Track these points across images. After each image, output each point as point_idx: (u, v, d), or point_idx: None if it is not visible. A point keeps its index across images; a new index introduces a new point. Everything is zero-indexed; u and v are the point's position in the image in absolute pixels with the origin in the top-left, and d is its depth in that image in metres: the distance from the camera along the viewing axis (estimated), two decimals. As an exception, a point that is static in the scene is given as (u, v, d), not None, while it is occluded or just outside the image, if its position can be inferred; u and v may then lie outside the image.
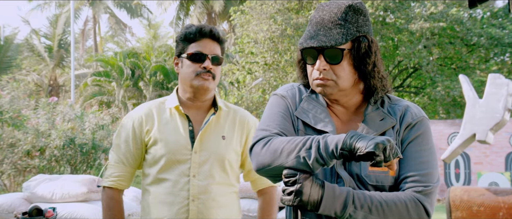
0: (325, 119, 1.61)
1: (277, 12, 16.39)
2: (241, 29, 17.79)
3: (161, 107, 2.31)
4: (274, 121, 1.61)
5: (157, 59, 21.81)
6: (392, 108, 1.63)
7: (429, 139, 1.60)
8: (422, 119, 1.61)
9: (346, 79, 1.57)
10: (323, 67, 1.56)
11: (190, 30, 2.21)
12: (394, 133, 1.58)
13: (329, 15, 1.56)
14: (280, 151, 1.48)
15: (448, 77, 15.78)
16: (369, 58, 1.56)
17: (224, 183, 2.24)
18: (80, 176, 5.46)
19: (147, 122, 2.27)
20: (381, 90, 1.61)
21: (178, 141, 2.21)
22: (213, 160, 2.21)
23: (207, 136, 2.23)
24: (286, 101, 1.67)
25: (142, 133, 2.27)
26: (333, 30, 1.54)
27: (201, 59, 2.20)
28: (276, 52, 16.81)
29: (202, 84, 2.20)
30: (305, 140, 1.46)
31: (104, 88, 22.61)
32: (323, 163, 1.43)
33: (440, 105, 16.20)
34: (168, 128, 2.25)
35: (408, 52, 15.40)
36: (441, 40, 15.96)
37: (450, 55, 16.81)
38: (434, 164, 1.58)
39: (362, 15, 1.57)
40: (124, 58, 21.71)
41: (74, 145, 9.99)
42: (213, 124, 2.26)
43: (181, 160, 2.20)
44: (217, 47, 2.24)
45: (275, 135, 1.56)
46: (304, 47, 1.56)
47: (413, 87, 19.03)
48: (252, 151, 1.56)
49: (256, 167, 1.53)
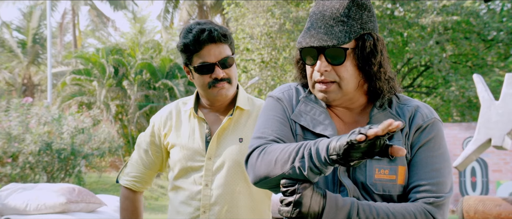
0: (324, 121, 1.61)
1: (275, 4, 16.40)
2: (236, 23, 17.81)
3: (181, 109, 2.33)
4: (269, 127, 1.61)
5: (144, 56, 21.79)
6: (400, 109, 1.62)
7: (441, 143, 1.59)
8: (434, 121, 1.61)
9: (349, 81, 1.56)
10: (324, 69, 1.55)
11: (187, 41, 2.16)
12: (403, 136, 1.58)
13: (330, 10, 1.55)
14: (274, 161, 1.48)
15: (463, 76, 15.79)
16: (374, 58, 1.56)
17: (244, 193, 2.19)
18: (57, 184, 5.45)
19: (165, 125, 2.32)
20: (388, 92, 1.61)
21: (192, 146, 2.23)
22: (229, 166, 2.18)
23: (223, 140, 2.22)
24: (282, 104, 1.67)
25: (160, 137, 2.32)
26: (335, 27, 1.53)
27: (209, 70, 2.17)
28: (273, 48, 16.82)
29: (219, 94, 2.20)
30: (298, 148, 1.46)
31: (85, 88, 22.57)
32: (318, 172, 1.43)
33: (454, 107, 16.22)
34: (183, 132, 2.27)
35: (418, 48, 15.42)
36: (455, 35, 15.98)
37: (465, 52, 16.83)
38: (446, 171, 1.57)
39: (367, 11, 1.57)
40: (107, 55, 21.68)
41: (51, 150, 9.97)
42: (230, 126, 2.24)
43: (194, 167, 2.21)
44: (224, 47, 2.19)
45: (271, 142, 1.56)
46: (303, 47, 1.56)
47: (424, 87, 19.07)
48: (247, 162, 1.57)
49: (253, 180, 1.54)
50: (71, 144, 10.27)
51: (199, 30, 2.15)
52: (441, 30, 15.53)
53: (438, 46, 15.73)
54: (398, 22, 15.88)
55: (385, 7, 15.63)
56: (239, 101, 2.25)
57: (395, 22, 15.90)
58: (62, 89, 22.66)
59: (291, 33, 16.03)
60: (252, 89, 17.45)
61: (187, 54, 2.19)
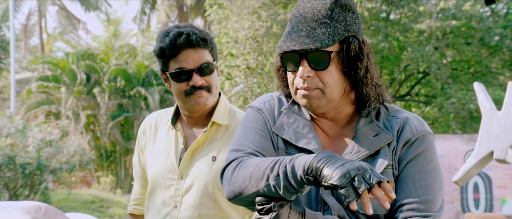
0: (308, 134, 1.62)
1: (261, 6, 16.44)
2: (219, 26, 17.83)
3: (161, 120, 2.32)
4: (248, 139, 1.63)
5: (118, 62, 21.72)
6: (388, 121, 1.64)
7: (432, 158, 1.60)
8: (424, 134, 1.61)
9: (334, 88, 1.57)
10: (307, 74, 1.56)
11: (164, 45, 2.15)
12: (390, 151, 1.59)
13: (312, 12, 1.57)
14: (249, 177, 1.49)
15: (463, 86, 15.84)
16: (360, 62, 1.57)
17: (214, 217, 2.17)
18: (21, 202, 5.42)
19: (144, 135, 2.32)
20: (375, 100, 1.62)
21: (165, 162, 2.22)
22: (198, 187, 2.16)
23: (195, 158, 2.20)
24: (263, 115, 1.68)
25: (142, 149, 2.33)
26: (317, 30, 1.55)
27: (187, 77, 2.15)
28: (260, 54, 16.86)
29: (197, 103, 2.17)
30: (273, 164, 1.47)
31: (52, 96, 22.42)
32: (294, 191, 1.45)
33: (454, 118, 16.28)
34: (159, 146, 2.26)
35: (415, 55, 15.48)
36: (456, 41, 16.07)
37: (466, 58, 16.93)
38: (437, 188, 1.58)
39: (351, 12, 1.59)
40: (78, 60, 21.59)
41: (14, 165, 9.89)
42: (205, 142, 2.21)
43: (165, 185, 2.19)
44: (203, 52, 2.17)
45: (249, 155, 1.57)
46: (284, 51, 1.57)
47: (422, 95, 19.17)
48: (222, 177, 1.58)
49: (228, 195, 1.56)
50: (37, 157, 10.20)
51: (177, 34, 2.14)
52: (439, 36, 15.61)
53: (437, 52, 15.80)
54: (394, 25, 15.95)
55: (379, 8, 15.68)
56: (216, 115, 2.22)
57: (391, 26, 15.97)
58: (27, 97, 22.49)
59: (279, 37, 16.04)
60: (236, 97, 17.46)
61: (163, 60, 2.18)
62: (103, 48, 23.69)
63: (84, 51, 23.35)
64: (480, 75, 16.60)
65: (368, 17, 15.51)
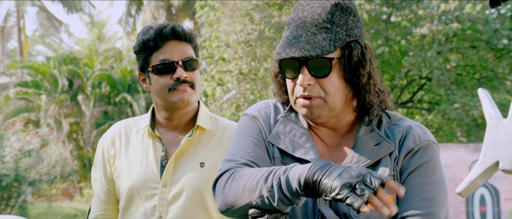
0: (305, 144, 1.63)
1: (255, 8, 16.44)
2: (210, 29, 17.82)
3: (132, 128, 2.33)
4: (242, 148, 1.63)
5: (103, 67, 21.73)
6: (390, 130, 1.65)
7: (436, 169, 1.62)
8: (428, 143, 1.63)
9: (336, 96, 1.58)
10: (307, 82, 1.56)
11: (148, 36, 2.18)
12: (391, 161, 1.60)
13: (311, 16, 1.57)
14: (242, 188, 1.50)
15: (468, 92, 15.88)
16: (363, 69, 1.58)
17: None
18: (-2, 216, 5.40)
19: (113, 145, 2.31)
20: (378, 107, 1.63)
21: (144, 171, 2.22)
22: (188, 195, 2.17)
23: (181, 164, 2.21)
24: (258, 123, 1.69)
25: (110, 161, 2.31)
26: (317, 35, 1.55)
27: (170, 69, 2.18)
28: (253, 58, 16.86)
29: (181, 99, 2.18)
30: (267, 175, 1.48)
31: (32, 103, 22.38)
32: (289, 203, 1.45)
33: (458, 126, 16.32)
34: (134, 154, 2.26)
35: (417, 60, 15.50)
36: (460, 44, 16.13)
37: (472, 62, 16.99)
38: (441, 200, 1.59)
39: (352, 15, 1.59)
40: (60, 65, 21.57)
41: (-9, 176, 9.85)
42: (190, 148, 2.23)
43: (147, 195, 2.19)
44: (188, 47, 2.22)
45: (242, 166, 1.58)
46: (283, 58, 1.57)
47: (425, 102, 19.20)
48: (215, 188, 1.59)
49: (220, 208, 1.57)
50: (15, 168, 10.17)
51: (162, 26, 2.19)
52: (442, 40, 15.64)
53: (440, 56, 15.84)
54: (395, 28, 15.98)
55: (379, 10, 15.69)
56: (200, 120, 2.24)
57: (392, 29, 16.00)
58: (5, 104, 22.43)
59: (273, 40, 16.05)
60: (228, 105, 17.45)
61: (145, 54, 2.21)
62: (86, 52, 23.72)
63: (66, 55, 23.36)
64: (486, 81, 16.66)
65: (367, 19, 15.54)
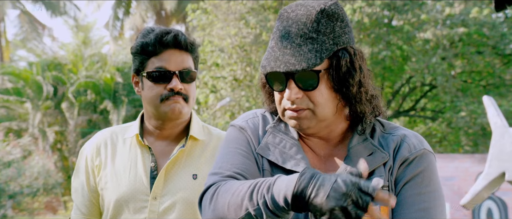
0: (296, 155, 1.64)
1: (250, 11, 16.46)
2: (202, 33, 17.83)
3: (118, 137, 2.32)
4: (228, 160, 1.64)
5: (88, 73, 21.71)
6: (384, 139, 1.66)
7: (432, 179, 1.62)
8: (423, 153, 1.64)
9: (325, 107, 1.59)
10: (295, 96, 1.58)
11: (148, 40, 2.19)
12: (386, 171, 1.61)
13: (296, 26, 1.58)
14: (227, 206, 1.50)
15: (475, 98, 15.90)
16: (352, 78, 1.59)
17: None
18: (-23, 231, 5.38)
19: (98, 154, 2.30)
20: (370, 114, 1.65)
21: (133, 182, 2.22)
22: (181, 208, 2.18)
23: (173, 176, 2.22)
24: (245, 134, 1.70)
25: (94, 171, 2.30)
26: (303, 46, 1.56)
27: (166, 78, 2.19)
28: (248, 64, 16.87)
29: (172, 109, 2.19)
30: (251, 192, 1.47)
31: (14, 111, 22.33)
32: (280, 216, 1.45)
33: (464, 134, 16.33)
34: (121, 164, 2.26)
35: (420, 66, 15.53)
36: (466, 50, 16.16)
37: (478, 68, 17.02)
38: (437, 212, 1.60)
39: (339, 21, 1.60)
40: (43, 71, 21.54)
41: (-30, 188, 9.82)
42: (182, 159, 2.24)
43: (136, 208, 2.19)
44: (187, 58, 2.23)
45: (227, 178, 1.58)
46: (268, 72, 1.59)
47: (429, 110, 19.21)
48: (201, 205, 1.59)
49: None
50: (-4, 180, 10.13)
51: (164, 31, 2.20)
52: (447, 45, 15.66)
53: (445, 62, 15.86)
54: (397, 33, 16.01)
55: (380, 14, 15.71)
56: (193, 129, 2.26)
57: (394, 33, 16.01)
58: (-15, 112, 22.38)
59: (269, 45, 16.03)
60: (222, 112, 17.45)
61: (142, 57, 2.22)
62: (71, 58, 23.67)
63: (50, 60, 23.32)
64: (493, 88, 16.70)
65: (368, 23, 15.57)
